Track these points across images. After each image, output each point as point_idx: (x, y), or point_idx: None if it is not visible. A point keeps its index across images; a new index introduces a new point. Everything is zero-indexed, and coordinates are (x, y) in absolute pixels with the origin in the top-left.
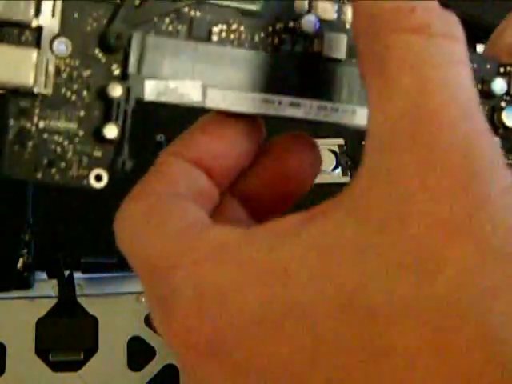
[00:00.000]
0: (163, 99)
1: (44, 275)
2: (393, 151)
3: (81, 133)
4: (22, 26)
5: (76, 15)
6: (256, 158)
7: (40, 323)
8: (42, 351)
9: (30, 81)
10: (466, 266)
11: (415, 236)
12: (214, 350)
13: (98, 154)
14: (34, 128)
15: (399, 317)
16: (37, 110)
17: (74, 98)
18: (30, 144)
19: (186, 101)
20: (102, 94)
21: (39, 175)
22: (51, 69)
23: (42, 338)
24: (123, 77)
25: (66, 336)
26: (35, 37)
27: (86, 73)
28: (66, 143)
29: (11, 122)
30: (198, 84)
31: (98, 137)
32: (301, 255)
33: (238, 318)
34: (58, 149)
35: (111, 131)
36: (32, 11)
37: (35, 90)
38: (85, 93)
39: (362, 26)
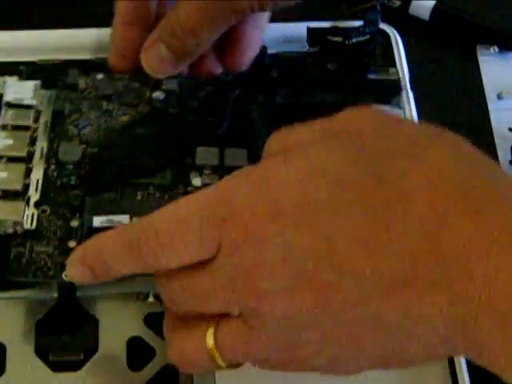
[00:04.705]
0: (105, 225)
1: None
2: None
3: (55, 252)
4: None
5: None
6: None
7: (40, 323)
8: (41, 351)
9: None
10: None
11: None
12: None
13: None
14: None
15: None
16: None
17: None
18: (24, 260)
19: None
20: (67, 227)
21: (30, 275)
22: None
23: (42, 338)
24: (80, 216)
25: (66, 336)
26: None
27: (59, 222)
28: (47, 259)
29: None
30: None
31: (66, 249)
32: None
33: None
34: (42, 262)
35: (72, 244)
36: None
37: (25, 227)
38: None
39: None
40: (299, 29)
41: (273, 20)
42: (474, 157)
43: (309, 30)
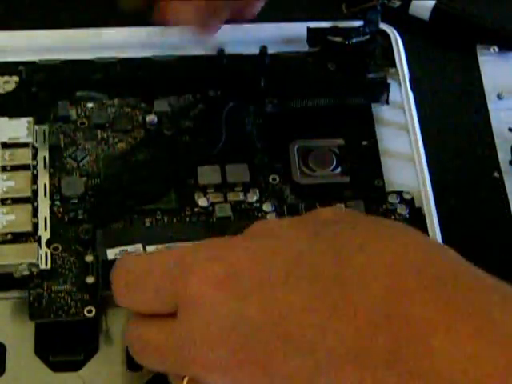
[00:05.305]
0: (119, 257)
1: None
2: None
3: (74, 289)
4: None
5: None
6: None
7: (40, 323)
8: (41, 351)
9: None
10: None
11: None
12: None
13: (86, 297)
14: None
15: None
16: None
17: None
18: (44, 301)
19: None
20: (82, 262)
21: (52, 315)
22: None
23: (42, 338)
24: (92, 249)
25: (66, 336)
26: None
27: (72, 258)
28: (66, 297)
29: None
30: (139, 245)
31: (84, 286)
32: None
33: None
34: (62, 300)
35: (90, 279)
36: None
37: (40, 267)
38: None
39: None
40: (299, 29)
41: (273, 20)
42: (430, 241)
43: (309, 30)
